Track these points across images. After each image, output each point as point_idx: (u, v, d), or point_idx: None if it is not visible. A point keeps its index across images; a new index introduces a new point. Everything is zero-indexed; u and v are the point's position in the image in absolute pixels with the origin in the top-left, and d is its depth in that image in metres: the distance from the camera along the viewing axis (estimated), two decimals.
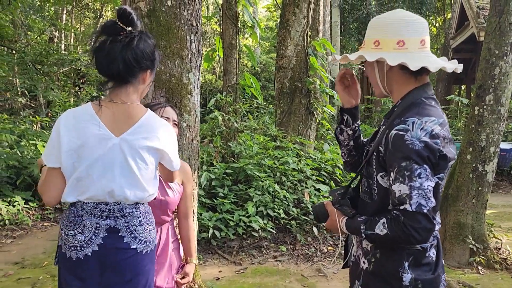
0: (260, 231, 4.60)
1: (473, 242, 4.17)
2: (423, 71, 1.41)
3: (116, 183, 1.48)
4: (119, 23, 1.52)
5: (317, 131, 7.44)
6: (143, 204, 1.60)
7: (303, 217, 4.87)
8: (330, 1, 13.71)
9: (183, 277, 2.17)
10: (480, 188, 4.23)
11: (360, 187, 1.56)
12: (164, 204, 2.06)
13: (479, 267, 4.08)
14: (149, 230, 1.59)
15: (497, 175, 8.63)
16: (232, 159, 5.72)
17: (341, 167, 5.79)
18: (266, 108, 12.20)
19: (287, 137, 6.25)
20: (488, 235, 4.42)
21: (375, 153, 1.43)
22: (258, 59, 19.51)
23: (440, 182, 1.35)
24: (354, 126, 1.68)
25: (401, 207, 1.29)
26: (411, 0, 15.83)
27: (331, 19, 14.00)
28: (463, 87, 16.83)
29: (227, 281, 3.81)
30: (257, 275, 3.96)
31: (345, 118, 1.68)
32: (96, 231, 1.49)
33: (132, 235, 1.52)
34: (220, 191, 4.90)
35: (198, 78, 2.75)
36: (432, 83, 17.93)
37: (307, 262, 4.32)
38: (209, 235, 4.36)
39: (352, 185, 1.62)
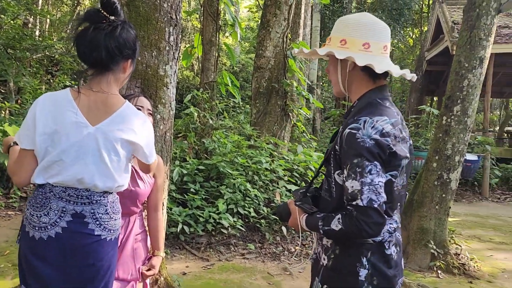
0: (229, 228, 4.62)
1: (435, 247, 4.32)
2: (381, 75, 1.48)
3: (87, 171, 1.50)
4: (102, 11, 1.53)
5: (292, 133, 7.52)
6: (111, 193, 1.61)
7: (273, 216, 4.91)
8: (312, 6, 13.87)
9: (149, 269, 2.16)
10: (444, 195, 4.39)
11: (322, 186, 1.60)
12: (134, 194, 2.06)
13: (439, 271, 4.23)
14: (114, 219, 1.61)
15: (461, 185, 8.95)
16: (205, 155, 5.71)
17: (313, 169, 5.88)
18: (243, 108, 12.22)
19: (262, 137, 6.29)
20: (449, 241, 4.58)
21: (332, 152, 1.48)
22: (237, 58, 19.49)
23: (393, 179, 1.40)
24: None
25: (354, 203, 1.34)
26: (390, 11, 16.19)
27: (311, 23, 14.16)
28: (435, 98, 17.32)
29: (194, 276, 3.81)
30: (223, 272, 3.97)
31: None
32: (62, 214, 1.49)
33: (97, 222, 1.54)
34: (191, 187, 4.89)
35: (175, 71, 2.75)
36: (405, 94, 18.40)
37: (274, 260, 4.37)
38: (178, 230, 4.35)
39: (315, 185, 1.66)
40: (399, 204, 1.51)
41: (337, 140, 1.46)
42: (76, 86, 1.57)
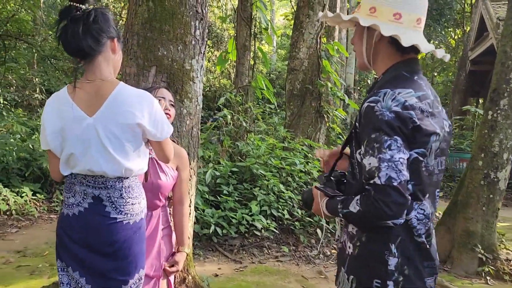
0: (262, 230, 4.53)
1: (482, 252, 4.02)
2: (411, 50, 1.35)
3: (94, 161, 1.56)
4: (72, 3, 1.56)
5: (329, 136, 7.34)
6: (127, 178, 1.62)
7: (308, 218, 4.77)
8: (348, 10, 13.65)
9: (172, 266, 2.12)
10: (491, 196, 4.09)
11: (348, 169, 1.47)
12: (155, 187, 2.02)
13: (488, 278, 3.92)
14: (131, 204, 1.62)
15: None
16: (239, 158, 5.67)
17: None
18: (278, 113, 12.13)
19: (296, 139, 6.18)
20: (499, 245, 4.26)
21: (353, 131, 1.36)
22: (273, 66, 19.52)
23: (420, 158, 1.27)
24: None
25: (371, 181, 1.22)
26: (430, 11, 15.67)
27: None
28: (480, 100, 16.50)
29: (225, 278, 3.74)
30: (256, 274, 3.88)
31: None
32: (85, 196, 1.59)
33: (113, 206, 1.59)
34: (224, 189, 4.85)
35: (202, 66, 2.71)
36: (449, 95, 17.66)
37: (309, 264, 4.22)
38: (211, 231, 4.30)
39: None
40: (434, 190, 1.36)
41: (357, 117, 1.34)
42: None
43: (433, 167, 1.32)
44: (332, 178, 1.48)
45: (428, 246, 1.34)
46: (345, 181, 1.48)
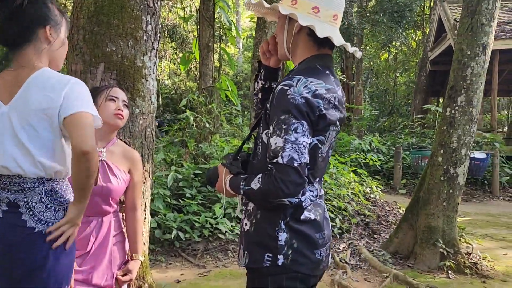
0: (227, 233, 4.43)
1: (444, 246, 4.06)
2: (326, 44, 1.45)
3: (8, 156, 1.37)
4: None
5: None
6: (50, 180, 1.43)
7: None
8: None
9: (125, 274, 1.99)
10: (451, 191, 4.15)
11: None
12: (105, 191, 1.90)
13: (449, 272, 3.97)
14: (54, 210, 1.42)
15: (471, 184, 8.66)
16: (203, 160, 5.54)
17: None
18: (245, 115, 12.09)
19: None
20: (459, 239, 4.33)
21: (263, 112, 1.44)
22: (240, 68, 19.49)
23: (319, 145, 1.37)
24: (264, 83, 1.69)
25: (274, 160, 1.29)
26: (391, 13, 16.04)
27: None
28: (440, 100, 17.03)
29: (188, 284, 3.60)
30: (220, 278, 3.76)
31: (261, 71, 1.70)
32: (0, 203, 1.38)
33: (31, 212, 1.38)
34: (187, 192, 4.71)
35: (155, 63, 2.58)
36: (410, 95, 18.13)
37: None
38: (173, 236, 4.16)
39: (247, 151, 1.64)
40: (322, 175, 1.49)
41: (269, 99, 1.42)
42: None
43: (326, 154, 1.44)
44: (238, 158, 1.55)
45: (318, 219, 1.44)
46: (248, 160, 1.55)
